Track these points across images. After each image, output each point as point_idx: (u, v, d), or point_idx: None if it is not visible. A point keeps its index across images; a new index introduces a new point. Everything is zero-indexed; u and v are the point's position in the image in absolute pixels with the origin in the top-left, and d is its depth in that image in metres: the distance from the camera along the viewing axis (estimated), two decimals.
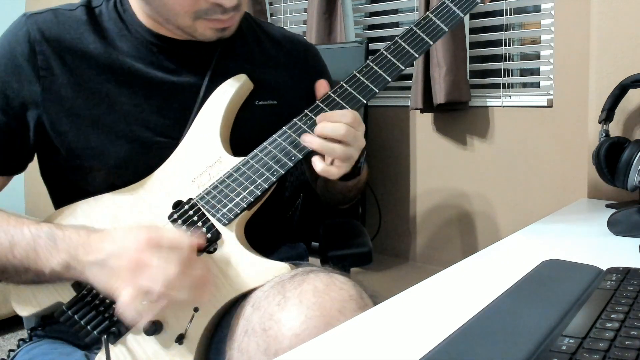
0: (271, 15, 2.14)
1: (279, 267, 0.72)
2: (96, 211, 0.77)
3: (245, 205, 0.75)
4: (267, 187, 0.75)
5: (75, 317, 0.73)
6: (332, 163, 0.76)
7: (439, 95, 1.61)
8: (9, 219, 0.73)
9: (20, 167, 0.82)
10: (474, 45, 1.73)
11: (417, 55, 0.80)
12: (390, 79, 0.79)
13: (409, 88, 1.74)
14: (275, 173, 0.75)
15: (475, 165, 1.71)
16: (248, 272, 0.72)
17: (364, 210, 1.79)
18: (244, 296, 0.71)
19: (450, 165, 1.76)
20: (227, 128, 0.81)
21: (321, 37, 1.83)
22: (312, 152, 0.77)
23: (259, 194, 0.75)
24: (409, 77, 1.78)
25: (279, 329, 0.61)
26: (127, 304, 0.61)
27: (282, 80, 0.88)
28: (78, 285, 0.73)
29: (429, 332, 0.51)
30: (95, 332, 0.72)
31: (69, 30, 0.78)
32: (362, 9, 1.98)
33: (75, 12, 0.80)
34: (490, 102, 1.67)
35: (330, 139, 0.75)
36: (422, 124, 1.81)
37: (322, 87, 0.80)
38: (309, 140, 0.75)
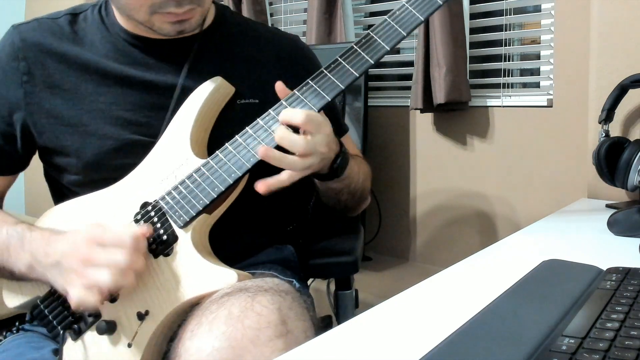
0: (271, 15, 2.14)
1: (227, 275, 0.69)
2: (72, 215, 0.78)
3: (200, 208, 0.73)
4: (223, 189, 0.73)
5: (46, 311, 0.76)
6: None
7: (439, 95, 1.61)
8: None
9: (19, 167, 0.86)
10: (474, 45, 1.73)
11: (388, 48, 0.75)
12: (357, 75, 0.75)
13: (409, 88, 1.74)
14: (232, 175, 0.73)
15: (475, 165, 1.71)
16: (195, 279, 0.70)
17: (363, 210, 1.79)
18: (192, 308, 0.69)
19: (450, 165, 1.76)
20: (202, 130, 0.79)
21: (321, 37, 1.83)
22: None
23: (215, 196, 0.73)
24: (409, 77, 1.78)
25: (186, 359, 0.60)
26: (78, 299, 0.65)
27: (266, 79, 0.85)
28: None
29: (429, 332, 0.51)
30: (59, 327, 0.74)
31: (50, 36, 0.82)
32: (362, 9, 1.98)
33: (59, 20, 0.85)
34: (490, 102, 1.67)
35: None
36: (422, 124, 1.81)
37: (279, 89, 0.77)
38: (265, 154, 0.71)
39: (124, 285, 0.67)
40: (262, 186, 0.72)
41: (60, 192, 0.85)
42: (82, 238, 0.68)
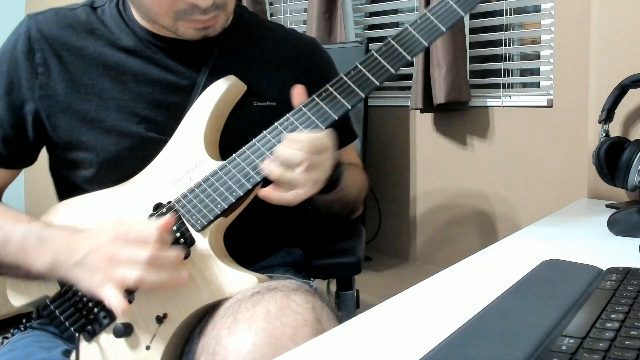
0: (271, 15, 2.14)
1: (246, 280, 0.70)
2: (81, 213, 0.78)
3: (218, 212, 0.72)
4: (241, 194, 0.72)
5: (57, 312, 0.75)
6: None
7: (439, 95, 1.61)
8: (7, 214, 0.76)
9: (28, 161, 0.85)
10: (474, 45, 1.73)
11: (409, 58, 0.74)
12: (378, 84, 0.74)
13: (409, 88, 1.74)
14: (250, 180, 0.72)
15: (475, 165, 1.71)
16: (215, 282, 0.70)
17: (364, 210, 1.79)
18: (214, 307, 0.69)
19: (450, 165, 1.76)
20: (215, 130, 0.79)
21: (321, 37, 1.83)
22: None
23: (233, 200, 0.72)
24: (409, 77, 1.78)
25: (225, 356, 0.60)
26: (111, 300, 0.64)
27: (283, 81, 0.86)
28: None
29: (429, 332, 0.51)
30: (72, 328, 0.74)
31: (67, 28, 0.81)
32: (362, 9, 1.98)
33: (77, 11, 0.83)
34: (490, 102, 1.67)
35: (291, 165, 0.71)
36: (422, 124, 1.81)
37: (297, 93, 0.76)
38: (269, 170, 0.70)
39: (154, 280, 0.65)
40: (262, 192, 0.70)
41: (68, 189, 0.83)
42: (105, 237, 0.67)
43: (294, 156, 0.69)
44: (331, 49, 1.01)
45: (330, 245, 1.03)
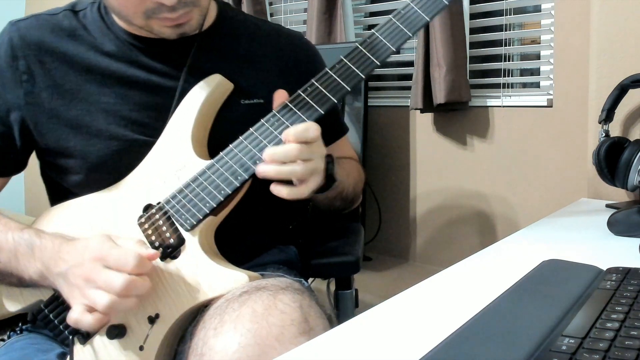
0: (271, 15, 2.14)
1: (237, 278, 0.70)
2: (73, 217, 0.78)
3: (207, 211, 0.72)
4: (230, 192, 0.72)
5: (51, 315, 0.75)
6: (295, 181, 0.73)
7: (439, 95, 1.61)
8: None
9: (17, 168, 0.85)
10: (474, 45, 1.73)
11: (393, 49, 0.74)
12: (363, 76, 0.73)
13: (409, 88, 1.74)
14: (239, 178, 0.72)
15: (475, 166, 1.71)
16: (205, 282, 0.70)
17: (363, 210, 1.79)
18: (205, 307, 0.69)
19: (450, 165, 1.76)
20: (203, 129, 0.79)
21: (321, 37, 1.83)
22: None
23: (222, 199, 0.72)
24: (409, 77, 1.78)
25: (211, 357, 0.60)
26: (75, 319, 0.65)
27: (270, 79, 0.85)
28: None
29: (429, 332, 0.51)
30: (66, 331, 0.74)
31: (49, 34, 0.80)
32: (362, 9, 1.98)
33: (58, 16, 0.83)
34: (490, 102, 1.67)
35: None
36: (422, 124, 1.81)
37: (279, 96, 0.76)
38: (263, 170, 0.70)
39: (122, 308, 0.66)
40: (274, 188, 0.71)
41: (59, 193, 0.83)
42: (89, 254, 0.67)
43: (289, 151, 0.70)
44: (331, 49, 1.01)
45: (328, 244, 1.03)
